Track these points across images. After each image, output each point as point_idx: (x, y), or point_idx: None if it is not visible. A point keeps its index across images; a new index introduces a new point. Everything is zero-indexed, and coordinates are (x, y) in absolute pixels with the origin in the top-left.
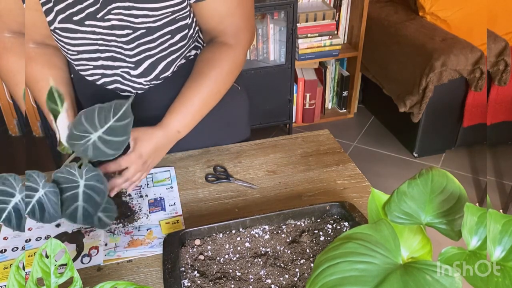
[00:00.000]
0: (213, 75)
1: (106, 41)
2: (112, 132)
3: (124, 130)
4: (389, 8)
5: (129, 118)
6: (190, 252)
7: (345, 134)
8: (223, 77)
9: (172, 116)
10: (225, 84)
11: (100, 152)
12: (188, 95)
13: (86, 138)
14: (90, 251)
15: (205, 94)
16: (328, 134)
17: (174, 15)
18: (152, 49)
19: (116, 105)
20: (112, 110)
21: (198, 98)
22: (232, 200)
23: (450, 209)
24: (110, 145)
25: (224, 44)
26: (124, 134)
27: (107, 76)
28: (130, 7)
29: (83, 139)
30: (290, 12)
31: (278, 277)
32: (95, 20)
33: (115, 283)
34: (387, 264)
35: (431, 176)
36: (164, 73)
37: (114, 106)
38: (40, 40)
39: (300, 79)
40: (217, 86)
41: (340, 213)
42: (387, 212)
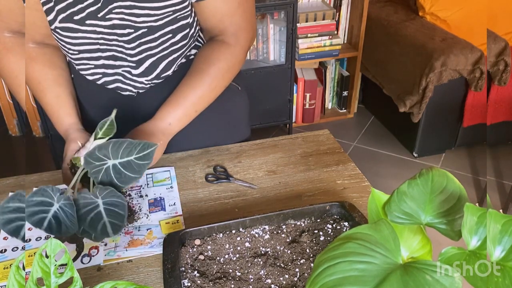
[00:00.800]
0: (210, 72)
1: (107, 40)
2: (128, 166)
3: (140, 169)
4: (389, 8)
5: (149, 161)
6: (190, 252)
7: (345, 134)
8: (220, 75)
9: (165, 109)
10: (221, 82)
11: (109, 180)
12: (183, 89)
13: (103, 161)
14: (90, 251)
15: (200, 90)
16: (328, 134)
17: (176, 14)
18: (153, 48)
19: (144, 144)
20: (139, 147)
21: (192, 93)
22: (232, 200)
23: (450, 209)
24: (120, 177)
25: (224, 43)
26: (137, 173)
27: (108, 75)
28: (132, 6)
29: (100, 161)
30: (290, 12)
31: (278, 277)
32: (96, 19)
33: (115, 283)
34: (387, 264)
35: (431, 176)
36: (165, 72)
37: (142, 145)
38: (40, 39)
39: (300, 79)
40: (213, 84)
41: (340, 213)
42: (387, 212)
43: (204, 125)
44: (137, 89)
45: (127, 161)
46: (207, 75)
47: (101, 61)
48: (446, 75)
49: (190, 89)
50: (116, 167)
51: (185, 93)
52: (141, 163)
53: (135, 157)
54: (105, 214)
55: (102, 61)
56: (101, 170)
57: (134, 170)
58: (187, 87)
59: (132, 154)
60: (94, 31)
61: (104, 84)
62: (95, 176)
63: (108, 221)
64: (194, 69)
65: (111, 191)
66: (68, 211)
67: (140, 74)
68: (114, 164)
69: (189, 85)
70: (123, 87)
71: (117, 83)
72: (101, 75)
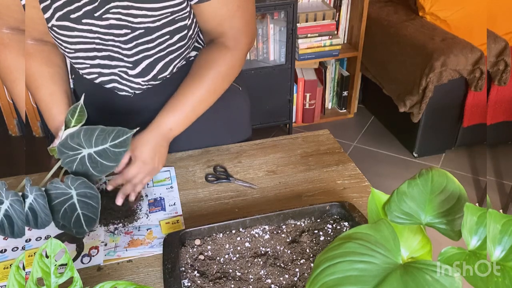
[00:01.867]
0: (210, 76)
1: (103, 40)
2: (104, 154)
3: (116, 157)
4: (389, 8)
5: (125, 148)
6: (190, 252)
7: (345, 134)
8: (220, 78)
9: (165, 114)
10: (221, 85)
11: (84, 170)
12: (183, 94)
13: (77, 151)
14: (90, 251)
15: (200, 94)
16: (328, 134)
17: (174, 16)
18: (150, 49)
19: (118, 131)
20: (113, 134)
21: (192, 98)
22: (232, 200)
23: (450, 209)
24: (97, 166)
25: (223, 46)
26: (114, 161)
27: (104, 75)
28: (129, 7)
29: (74, 150)
30: (290, 12)
31: (278, 277)
32: (93, 18)
33: (115, 283)
34: (387, 264)
35: (431, 176)
36: (162, 74)
37: (116, 132)
38: (38, 36)
39: (300, 79)
40: (213, 87)
41: (340, 213)
42: (387, 212)
43: (205, 125)
44: (133, 89)
45: (103, 149)
46: (207, 78)
47: (97, 61)
48: (446, 75)
49: (189, 93)
50: (91, 156)
51: (185, 97)
52: (117, 151)
53: (110, 144)
54: (78, 206)
55: (98, 61)
56: (76, 160)
57: (110, 158)
58: (186, 91)
59: (106, 142)
60: (91, 30)
61: (101, 83)
62: (69, 166)
63: (82, 214)
64: (194, 73)
65: (83, 181)
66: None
67: (136, 74)
68: (89, 153)
69: (188, 89)
70: (119, 87)
71: (113, 83)
72: (97, 74)
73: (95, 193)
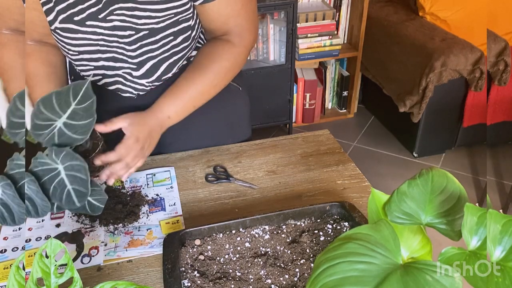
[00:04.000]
0: (212, 68)
1: (107, 41)
2: (75, 116)
3: (88, 112)
4: (389, 8)
5: (91, 99)
6: (190, 252)
7: (345, 134)
8: (223, 73)
9: (164, 101)
10: (223, 80)
11: (66, 138)
12: (184, 83)
13: (51, 126)
14: (90, 251)
15: (201, 85)
16: (328, 134)
17: (177, 17)
18: (154, 51)
19: (74, 88)
20: (71, 94)
21: (193, 88)
22: (232, 200)
23: (450, 209)
24: (76, 130)
25: (228, 41)
26: (88, 117)
27: (108, 76)
28: (133, 8)
29: (48, 128)
30: (290, 12)
31: (278, 277)
32: (97, 20)
33: (115, 283)
34: (387, 264)
35: (431, 176)
36: (166, 75)
37: (73, 89)
38: (38, 38)
39: (300, 79)
40: (215, 80)
41: (340, 213)
42: (387, 212)
43: (205, 125)
44: (137, 91)
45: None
46: (210, 71)
47: (101, 62)
48: (446, 75)
49: (191, 83)
50: (66, 123)
51: (185, 87)
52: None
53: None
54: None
55: (102, 62)
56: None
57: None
58: (188, 81)
59: (70, 104)
60: (95, 32)
61: (105, 85)
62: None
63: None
64: (196, 64)
65: (68, 153)
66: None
67: (140, 76)
68: (63, 122)
69: (190, 79)
70: (123, 88)
71: (117, 85)
72: (101, 76)
73: (82, 164)
